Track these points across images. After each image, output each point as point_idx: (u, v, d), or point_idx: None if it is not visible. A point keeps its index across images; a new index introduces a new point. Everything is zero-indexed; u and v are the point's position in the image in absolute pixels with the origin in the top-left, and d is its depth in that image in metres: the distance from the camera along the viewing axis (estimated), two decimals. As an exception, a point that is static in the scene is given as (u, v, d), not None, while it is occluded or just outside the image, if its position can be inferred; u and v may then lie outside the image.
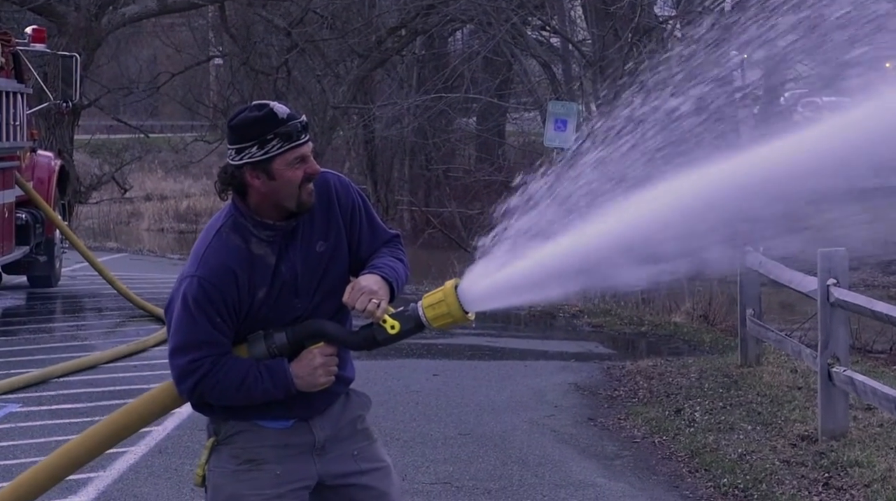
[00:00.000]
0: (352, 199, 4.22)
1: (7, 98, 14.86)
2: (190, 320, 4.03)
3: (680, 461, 8.76)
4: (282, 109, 4.08)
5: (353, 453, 4.25)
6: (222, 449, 4.18)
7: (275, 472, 4.15)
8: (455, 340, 13.74)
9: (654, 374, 11.63)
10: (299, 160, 4.06)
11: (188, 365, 4.05)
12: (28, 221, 15.81)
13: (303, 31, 26.71)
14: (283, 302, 4.10)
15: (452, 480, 8.20)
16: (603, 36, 21.08)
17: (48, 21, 22.71)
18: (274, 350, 4.08)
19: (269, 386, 4.06)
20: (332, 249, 4.16)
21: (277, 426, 4.16)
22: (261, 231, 4.08)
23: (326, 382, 4.12)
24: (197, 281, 4.03)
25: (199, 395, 4.09)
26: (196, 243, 4.16)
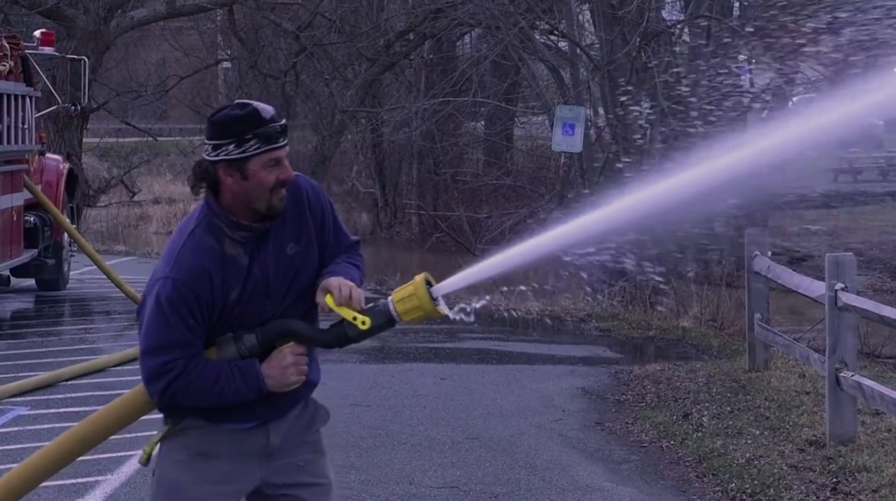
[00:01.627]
0: (322, 205, 4.25)
1: (16, 101, 14.88)
2: (163, 321, 4.01)
3: (688, 465, 8.75)
4: (265, 110, 4.10)
5: (299, 464, 4.24)
6: (176, 438, 4.17)
7: (222, 469, 4.15)
8: (462, 344, 13.74)
9: (661, 378, 11.62)
10: (274, 163, 4.06)
11: (160, 366, 4.02)
12: (36, 224, 15.83)
13: (311, 35, 26.74)
14: (254, 304, 4.10)
15: (460, 484, 8.19)
16: (611, 40, 21.07)
17: (57, 24, 22.76)
18: (244, 351, 4.08)
19: (241, 386, 4.05)
20: (303, 252, 4.17)
21: (237, 427, 4.16)
22: (235, 231, 4.08)
23: (298, 381, 4.13)
24: (171, 281, 4.02)
25: (170, 396, 4.06)
26: (169, 243, 4.15)
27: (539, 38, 23.84)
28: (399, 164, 33.00)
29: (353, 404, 10.48)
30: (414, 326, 14.83)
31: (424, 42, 27.94)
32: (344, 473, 8.39)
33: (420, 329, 14.74)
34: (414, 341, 13.91)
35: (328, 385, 11.24)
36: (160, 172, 39.00)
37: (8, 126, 14.58)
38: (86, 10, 22.88)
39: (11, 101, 14.73)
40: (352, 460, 8.71)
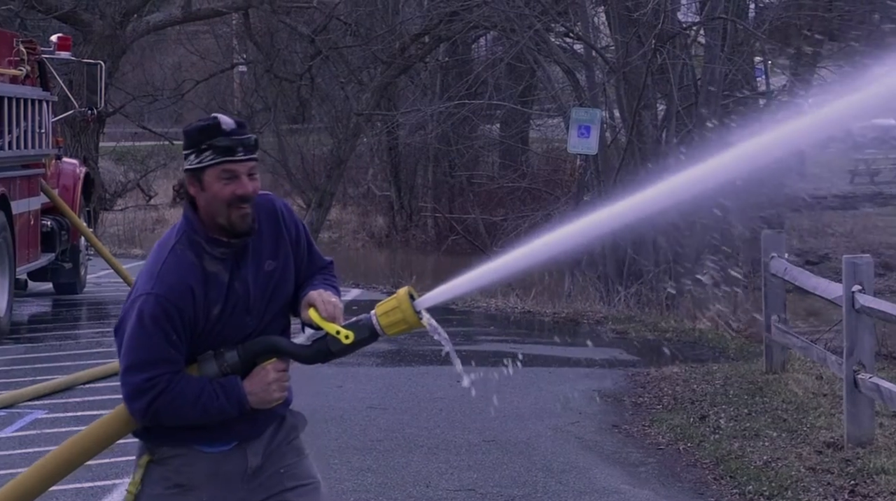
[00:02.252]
0: (296, 223, 4.26)
1: (32, 106, 14.93)
2: (145, 338, 3.98)
3: (705, 468, 8.73)
4: (227, 122, 4.08)
5: (281, 471, 4.23)
6: (154, 469, 4.14)
7: (201, 498, 4.12)
8: (479, 347, 13.73)
9: (678, 381, 11.60)
10: (229, 176, 4.03)
11: (143, 383, 3.99)
12: (53, 228, 15.88)
13: (326, 38, 26.77)
14: (235, 320, 4.08)
15: (477, 487, 8.19)
16: (626, 42, 21.04)
17: (73, 29, 22.82)
18: (226, 368, 4.06)
19: (223, 404, 4.03)
20: (280, 268, 4.17)
21: (214, 450, 4.13)
22: (214, 248, 4.07)
23: (280, 398, 4.11)
24: (154, 298, 3.99)
25: (153, 414, 4.02)
26: (149, 259, 4.13)
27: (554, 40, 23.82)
28: (415, 167, 33.01)
29: (370, 407, 10.49)
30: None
31: (440, 45, 27.95)
32: (360, 476, 8.40)
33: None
34: (430, 344, 13.90)
35: (345, 387, 11.34)
36: (176, 176, 39.03)
37: (25, 130, 14.62)
38: (102, 14, 22.94)
39: (28, 106, 14.77)
40: (368, 463, 8.72)
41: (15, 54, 14.71)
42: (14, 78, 14.54)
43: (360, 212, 35.79)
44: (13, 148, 14.28)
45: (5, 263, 13.86)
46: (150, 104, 34.38)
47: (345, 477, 8.35)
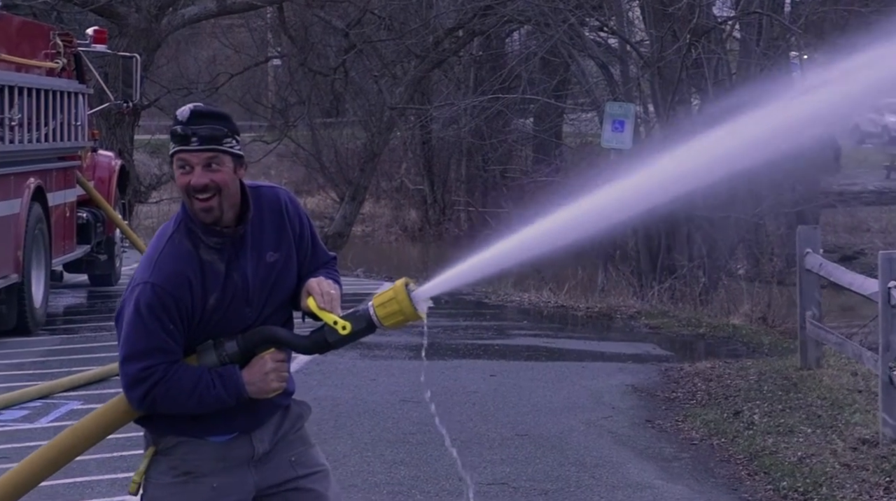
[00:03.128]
0: (300, 216, 4.24)
1: (69, 98, 15.01)
2: (142, 327, 4.00)
3: (739, 463, 8.70)
4: (182, 111, 4.07)
5: (291, 459, 4.23)
6: (161, 460, 4.14)
7: (211, 485, 4.12)
8: (512, 341, 13.73)
9: (712, 376, 11.56)
10: (182, 165, 4.03)
11: (140, 372, 4.01)
12: (89, 220, 15.97)
13: (360, 32, 26.79)
14: (234, 310, 4.08)
15: (509, 481, 8.19)
16: (661, 37, 20.97)
17: (109, 22, 22.92)
18: (225, 358, 4.06)
19: (221, 393, 4.03)
20: (283, 260, 4.16)
21: (218, 439, 4.14)
22: (209, 237, 4.07)
23: (278, 388, 4.10)
24: (150, 287, 4.00)
25: (150, 403, 4.04)
26: (148, 249, 4.14)
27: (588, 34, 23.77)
28: (448, 161, 33.02)
29: (403, 400, 10.50)
30: (462, 322, 14.83)
31: (473, 39, 27.93)
32: (393, 469, 8.42)
33: (469, 325, 14.74)
34: (463, 338, 13.91)
35: (377, 381, 11.36)
36: (210, 169, 39.18)
37: (61, 123, 14.70)
38: (137, 7, 23.03)
39: (65, 99, 14.85)
40: (401, 456, 8.73)
41: (51, 47, 14.78)
42: (51, 70, 14.62)
43: (393, 206, 35.82)
44: (49, 140, 14.36)
45: (42, 255, 13.95)
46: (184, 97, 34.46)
47: (378, 470, 8.37)
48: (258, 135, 34.97)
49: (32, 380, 10.81)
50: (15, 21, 14.44)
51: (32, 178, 13.69)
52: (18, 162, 13.41)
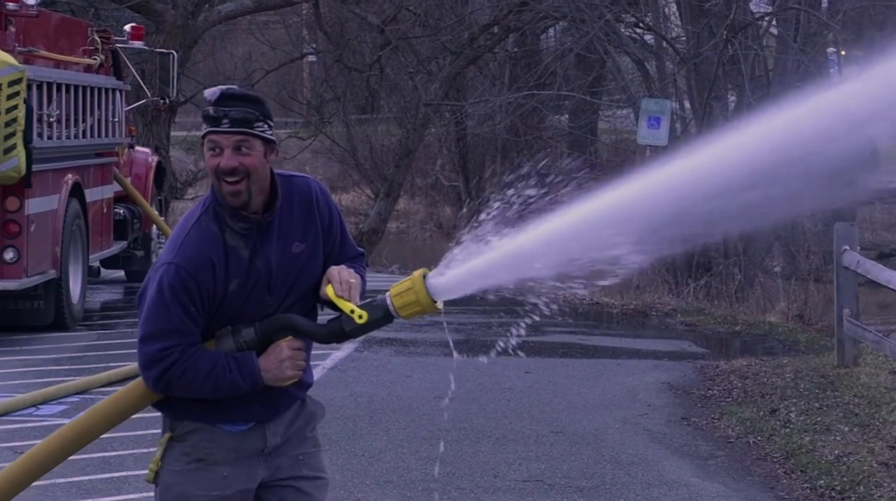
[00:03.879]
0: (330, 208, 4.21)
1: (106, 95, 15.08)
2: (164, 307, 4.01)
3: (775, 462, 8.67)
4: (212, 91, 4.05)
5: (299, 457, 4.23)
6: (175, 446, 4.15)
7: (222, 473, 4.13)
8: (547, 338, 13.72)
9: (748, 374, 11.51)
10: (212, 147, 4.02)
11: (157, 353, 4.02)
12: (126, 216, 16.05)
13: (396, 29, 26.81)
14: (255, 297, 4.07)
15: (545, 478, 8.18)
16: (697, 33, 20.89)
17: (146, 19, 23.03)
18: (242, 344, 4.06)
19: (236, 378, 4.03)
20: (308, 251, 4.14)
21: (233, 429, 4.15)
22: (236, 222, 4.05)
23: (294, 376, 4.09)
24: (174, 268, 4.01)
25: (165, 384, 4.05)
26: (175, 230, 4.15)
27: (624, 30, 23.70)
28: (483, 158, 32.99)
29: (438, 396, 10.51)
30: (496, 319, 14.82)
31: (509, 35, 27.89)
32: (428, 465, 8.43)
33: (505, 323, 14.72)
34: (498, 334, 13.89)
35: (412, 377, 11.37)
36: (245, 165, 39.30)
37: (99, 119, 14.78)
38: (174, 4, 23.13)
39: (102, 95, 14.93)
40: (436, 452, 8.74)
41: (89, 43, 14.86)
42: (88, 67, 14.70)
43: (427, 203, 35.84)
44: (87, 136, 14.44)
45: (79, 250, 14.03)
46: (220, 94, 34.61)
47: (413, 467, 8.38)
48: (293, 132, 35.05)
49: (70, 376, 10.88)
50: (54, 18, 14.52)
51: (70, 174, 13.77)
52: (56, 158, 13.49)
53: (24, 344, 12.58)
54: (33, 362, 11.69)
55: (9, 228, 12.59)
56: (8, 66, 12.10)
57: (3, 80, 12.04)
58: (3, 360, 11.73)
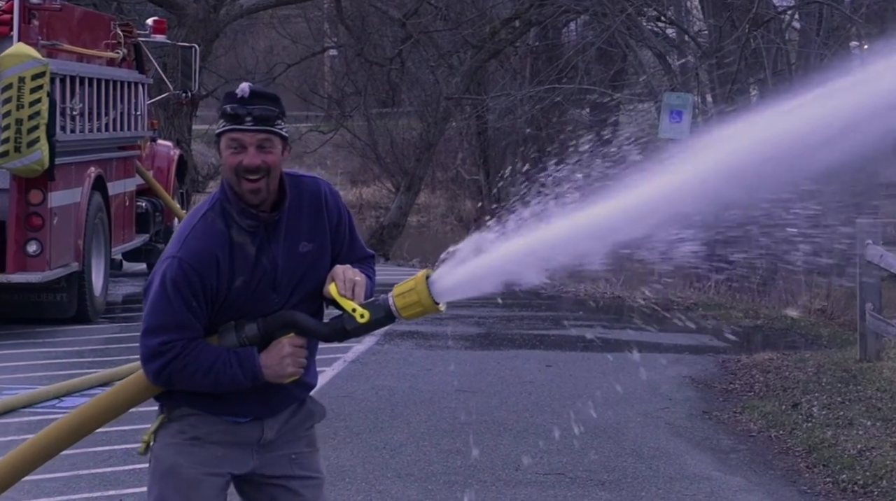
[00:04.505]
0: (339, 209, 4.22)
1: (128, 88, 15.13)
2: (166, 301, 4.02)
3: (797, 456, 8.65)
4: (242, 88, 4.06)
5: (291, 456, 4.23)
6: (172, 425, 4.18)
7: (216, 453, 4.15)
8: (568, 331, 13.71)
9: (770, 368, 11.48)
10: (236, 145, 4.02)
11: (159, 346, 4.03)
12: (148, 209, 16.10)
13: (417, 22, 26.80)
14: (259, 294, 4.08)
15: (566, 471, 8.18)
16: (719, 26, 20.84)
17: (168, 12, 23.09)
18: (245, 340, 4.07)
19: (237, 373, 4.04)
20: (315, 251, 4.14)
21: (231, 420, 4.16)
22: (243, 219, 4.06)
23: (294, 373, 4.09)
24: (178, 262, 4.02)
25: (166, 377, 4.06)
26: (181, 225, 4.16)
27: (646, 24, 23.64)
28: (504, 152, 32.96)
29: (459, 390, 10.51)
30: (517, 312, 14.82)
31: (530, 29, 27.86)
32: (450, 458, 8.43)
33: (524, 316, 14.73)
34: (519, 328, 13.90)
35: (433, 371, 11.38)
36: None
37: (121, 113, 14.83)
38: (196, -2, 23.18)
39: (125, 88, 14.98)
40: (457, 445, 8.74)
41: (112, 37, 14.91)
42: (111, 60, 14.75)
43: (448, 197, 35.82)
44: (110, 130, 14.50)
45: (101, 243, 14.09)
46: (241, 87, 34.66)
47: (434, 460, 8.38)
48: (314, 126, 35.11)
49: (92, 368, 10.93)
50: (77, 11, 14.57)
51: (93, 168, 13.82)
52: (79, 151, 13.54)
53: (47, 336, 12.64)
54: (56, 354, 11.74)
55: (32, 221, 12.64)
56: (31, 59, 12.15)
57: (26, 74, 12.09)
58: (26, 352, 11.79)
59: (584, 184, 4.07)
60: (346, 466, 8.08)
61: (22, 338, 12.54)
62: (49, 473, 7.25)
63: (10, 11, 12.46)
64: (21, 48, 12.23)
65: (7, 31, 12.46)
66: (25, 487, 7.21)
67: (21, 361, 11.37)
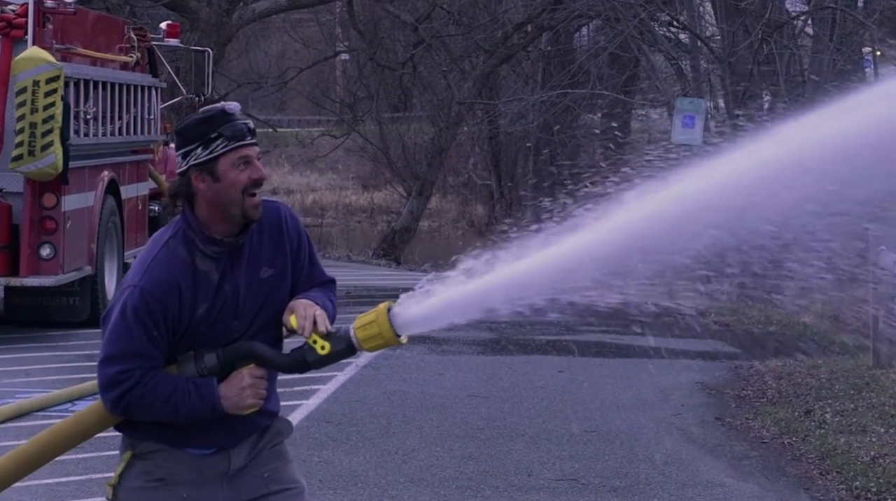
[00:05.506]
0: (299, 233, 4.16)
1: (142, 92, 15.16)
2: (126, 330, 3.96)
3: (810, 462, 8.63)
4: (233, 106, 4.02)
5: (264, 475, 4.17)
6: (136, 464, 4.10)
7: (181, 494, 4.08)
8: (580, 337, 13.70)
9: (782, 374, 11.46)
10: (244, 162, 3.96)
11: (117, 375, 3.98)
12: (161, 213, 16.12)
13: (429, 27, 26.84)
14: (221, 322, 4.03)
15: (578, 477, 8.17)
16: (733, 32, 20.82)
17: (181, 16, 23.13)
18: (204, 370, 4.02)
19: (195, 403, 3.98)
20: (277, 277, 4.09)
21: (195, 452, 4.10)
22: (207, 246, 4.01)
23: (254, 404, 4.04)
24: (139, 291, 3.96)
25: (124, 407, 4.01)
26: (142, 252, 4.10)
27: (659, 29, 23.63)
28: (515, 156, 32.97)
29: (471, 395, 10.51)
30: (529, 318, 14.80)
31: (542, 34, 27.87)
32: (462, 463, 8.43)
33: (536, 321, 14.73)
34: (531, 333, 13.90)
35: (445, 375, 11.38)
36: (279, 163, 39.45)
37: (135, 116, 14.85)
38: (209, 2, 23.23)
39: (138, 92, 15.00)
40: (470, 451, 8.74)
41: (126, 41, 14.94)
42: (125, 64, 14.77)
43: (460, 201, 35.83)
44: (123, 134, 14.52)
45: (114, 247, 14.11)
46: (254, 91, 34.76)
47: (447, 465, 8.38)
48: (326, 130, 35.12)
49: (105, 371, 10.93)
50: (91, 15, 14.60)
51: (106, 171, 13.85)
52: (93, 155, 13.56)
53: (60, 340, 12.66)
54: (69, 358, 11.76)
55: (45, 225, 12.67)
56: (45, 63, 12.18)
57: (40, 78, 12.12)
58: (39, 356, 11.81)
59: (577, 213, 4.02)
60: (359, 471, 8.08)
61: (35, 342, 12.57)
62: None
63: (24, 15, 12.49)
64: (35, 52, 12.26)
65: (21, 35, 12.49)
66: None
67: (34, 365, 11.39)
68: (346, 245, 29.80)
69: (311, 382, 10.08)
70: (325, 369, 4.27)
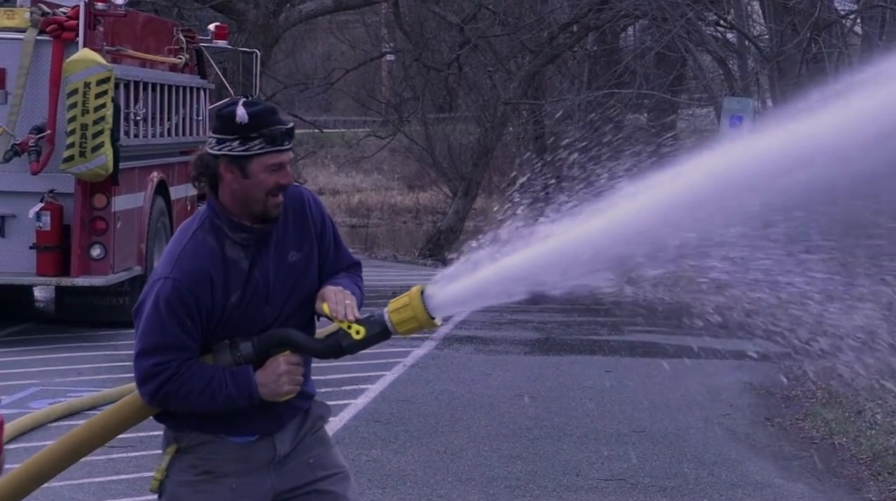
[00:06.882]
0: (323, 216, 4.18)
1: (191, 93, 15.26)
2: (159, 323, 3.97)
3: (861, 463, 8.57)
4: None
5: (310, 461, 4.18)
6: (183, 458, 4.11)
7: (230, 486, 4.09)
8: (628, 337, 13.67)
9: (832, 374, 11.37)
10: (276, 167, 3.99)
11: (153, 368, 3.99)
12: (209, 214, 16.21)
13: (475, 28, 26.84)
14: (253, 309, 4.04)
15: (627, 477, 8.16)
16: (781, 31, 20.70)
17: (228, 18, 23.26)
18: (240, 359, 4.03)
19: (232, 393, 4.00)
20: (304, 260, 4.11)
21: (240, 440, 4.11)
22: (236, 233, 4.03)
23: (291, 390, 4.05)
24: (171, 282, 3.97)
25: (161, 399, 4.02)
26: (170, 244, 4.11)
27: (706, 28, 23.53)
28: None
29: (519, 394, 10.52)
30: (576, 318, 14.78)
31: (588, 34, 27.80)
32: (510, 463, 8.43)
33: (584, 321, 14.69)
34: (578, 333, 13.88)
35: (493, 375, 11.39)
36: (325, 164, 39.56)
37: (183, 118, 14.96)
38: (256, 4, 23.34)
39: (187, 94, 15.11)
40: (518, 450, 8.74)
41: (175, 43, 15.05)
42: (174, 66, 14.88)
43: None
44: (172, 135, 14.63)
45: (164, 248, 14.21)
46: (300, 92, 34.89)
47: (495, 465, 8.39)
48: (372, 131, 35.18)
49: (155, 370, 11.01)
50: (140, 17, 14.71)
51: (156, 172, 13.95)
52: (143, 156, 13.67)
53: (110, 339, 12.77)
54: (119, 357, 11.85)
55: (96, 225, 12.78)
56: (96, 65, 12.29)
57: (91, 79, 12.23)
58: (90, 355, 11.92)
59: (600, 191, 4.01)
60: (407, 470, 8.10)
61: (85, 341, 12.68)
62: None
63: (75, 18, 12.61)
64: (86, 54, 12.37)
65: (73, 37, 12.60)
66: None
67: (84, 364, 11.50)
68: (392, 245, 29.87)
69: (360, 382, 10.12)
70: (373, 369, 4.29)
